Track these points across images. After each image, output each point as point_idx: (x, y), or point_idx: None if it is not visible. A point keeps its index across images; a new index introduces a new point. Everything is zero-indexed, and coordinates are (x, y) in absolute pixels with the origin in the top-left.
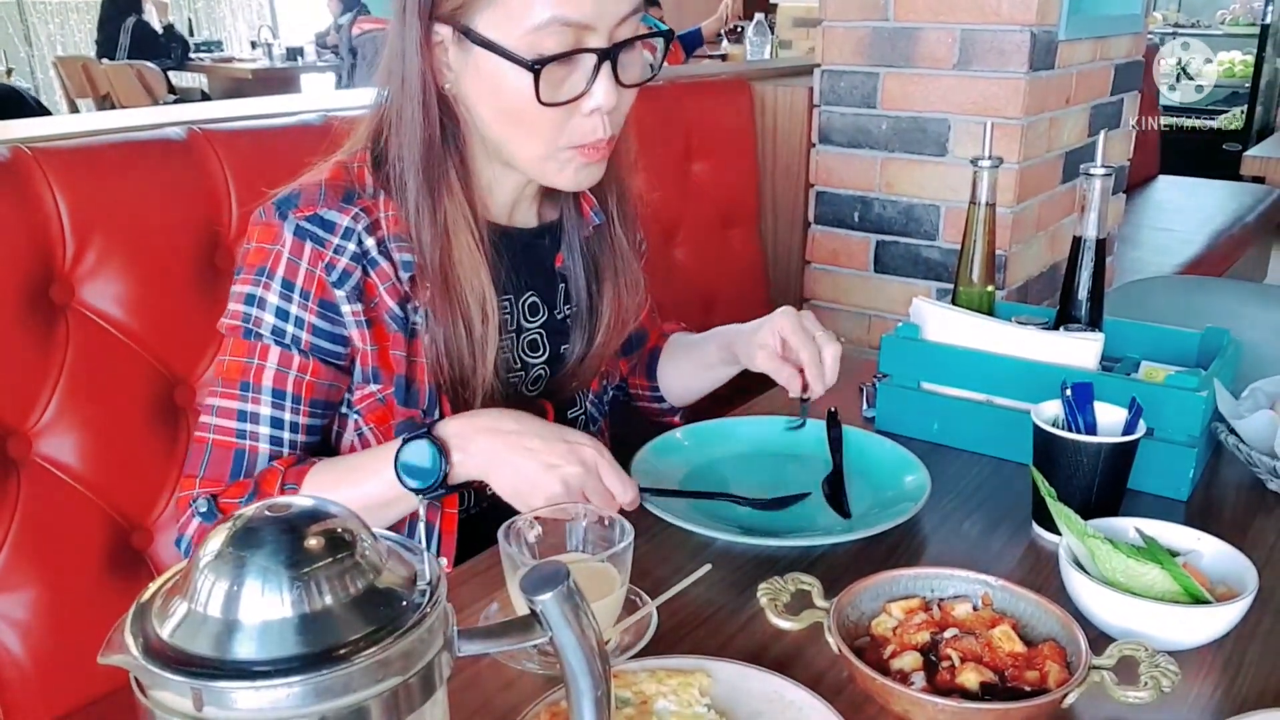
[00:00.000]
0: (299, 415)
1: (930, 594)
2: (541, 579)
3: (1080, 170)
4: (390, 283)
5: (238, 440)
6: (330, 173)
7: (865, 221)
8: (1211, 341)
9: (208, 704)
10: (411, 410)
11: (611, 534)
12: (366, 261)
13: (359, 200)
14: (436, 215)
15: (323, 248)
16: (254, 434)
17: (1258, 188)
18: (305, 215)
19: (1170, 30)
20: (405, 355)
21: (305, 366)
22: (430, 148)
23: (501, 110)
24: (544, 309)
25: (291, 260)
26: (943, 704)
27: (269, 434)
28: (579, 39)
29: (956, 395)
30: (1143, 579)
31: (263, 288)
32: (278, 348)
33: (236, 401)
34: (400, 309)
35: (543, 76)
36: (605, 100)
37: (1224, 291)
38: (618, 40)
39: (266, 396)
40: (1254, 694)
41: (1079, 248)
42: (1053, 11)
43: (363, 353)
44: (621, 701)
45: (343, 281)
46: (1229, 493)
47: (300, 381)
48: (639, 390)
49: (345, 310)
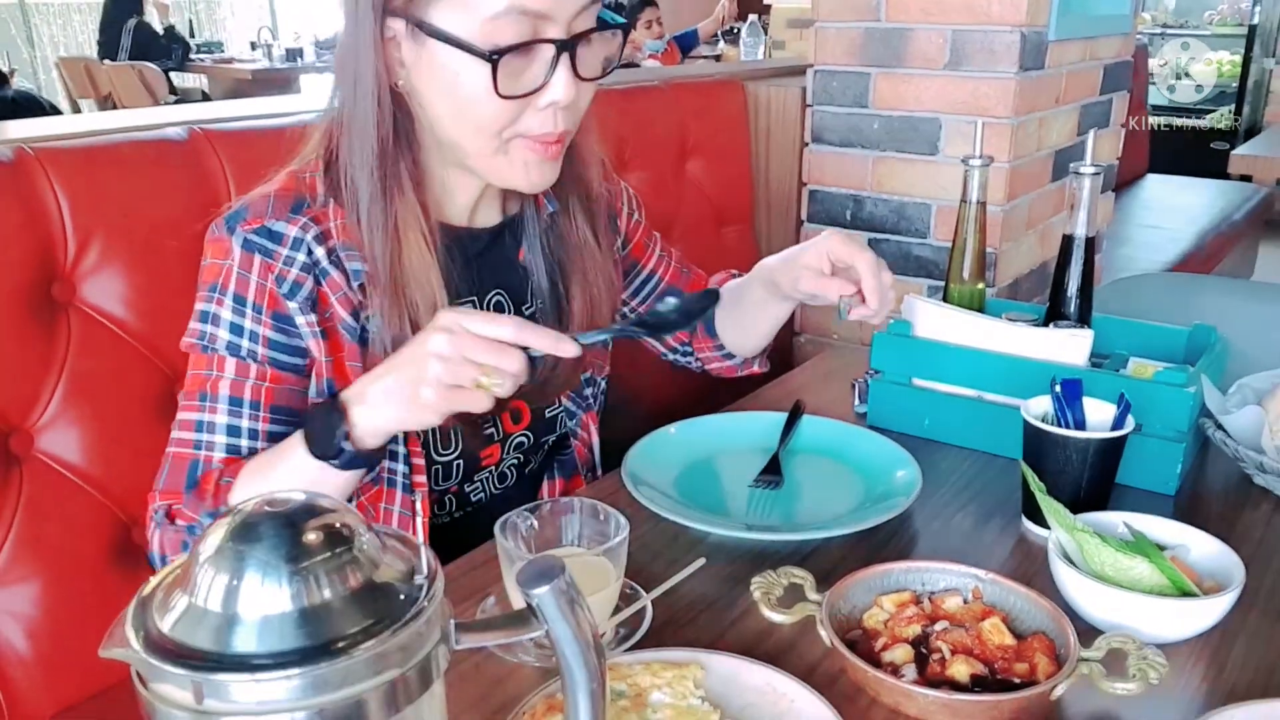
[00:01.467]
0: (257, 422)
1: (921, 587)
2: (537, 573)
3: (1070, 169)
4: (342, 293)
5: (194, 451)
6: (281, 184)
7: (858, 220)
8: (1199, 338)
9: (208, 696)
10: None
11: (606, 528)
12: (318, 271)
13: (308, 210)
14: (387, 217)
15: (271, 259)
16: (209, 443)
17: (1245, 186)
18: (252, 228)
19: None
20: (361, 366)
21: (263, 374)
22: (383, 147)
23: (456, 104)
24: (509, 307)
25: (241, 274)
26: (933, 696)
27: (225, 442)
28: (536, 29)
29: (948, 391)
30: (1131, 573)
31: (216, 304)
32: (233, 359)
33: (195, 413)
34: (353, 319)
35: (500, 68)
36: (564, 94)
37: (1212, 289)
38: (576, 32)
39: (223, 405)
40: (1241, 686)
41: (1069, 245)
42: (1042, 12)
43: (318, 364)
44: (616, 694)
45: (294, 293)
46: (1216, 488)
47: (259, 388)
48: (707, 353)
49: (300, 321)
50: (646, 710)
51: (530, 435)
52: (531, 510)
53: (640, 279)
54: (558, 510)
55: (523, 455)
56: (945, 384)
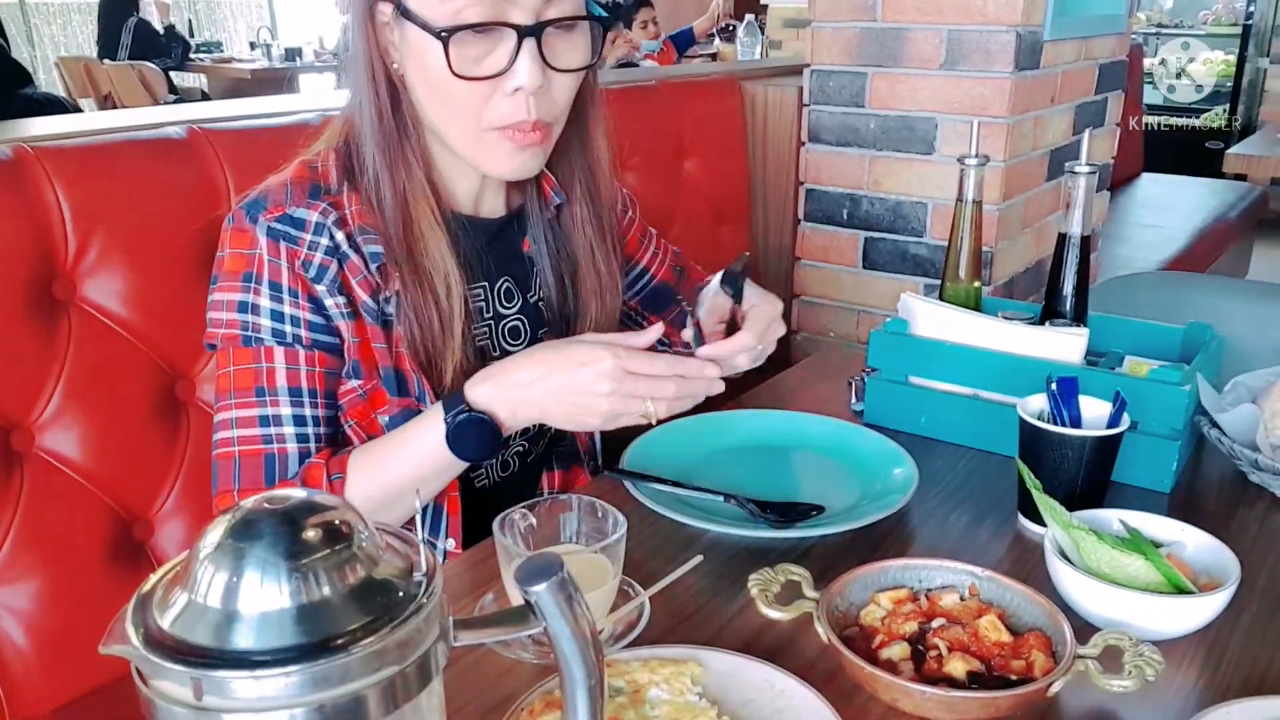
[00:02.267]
0: (318, 409)
1: (918, 584)
2: (536, 570)
3: (1065, 168)
4: (362, 275)
5: (265, 446)
6: (295, 172)
7: (854, 219)
8: (1194, 336)
9: (207, 693)
10: (405, 399)
11: (604, 526)
12: (340, 255)
13: (325, 196)
14: (395, 192)
15: (296, 245)
16: (280, 436)
17: (1240, 185)
18: (275, 216)
19: (1154, 30)
20: (387, 347)
21: (312, 359)
22: (385, 128)
23: (429, 85)
24: (518, 295)
25: (272, 262)
26: (930, 692)
27: (294, 433)
28: (500, 12)
29: (944, 389)
30: (1127, 570)
31: (253, 293)
32: (281, 347)
33: (255, 409)
34: (373, 301)
35: (459, 48)
36: (529, 80)
37: (1207, 287)
38: (545, 19)
39: (284, 397)
40: (1237, 683)
41: (1064, 244)
42: (1038, 12)
43: (347, 345)
44: (615, 690)
45: (321, 276)
46: (1212, 485)
47: (312, 375)
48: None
49: (329, 304)
50: (644, 707)
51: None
52: (530, 508)
53: (634, 275)
54: (556, 508)
55: (526, 443)
56: (942, 382)
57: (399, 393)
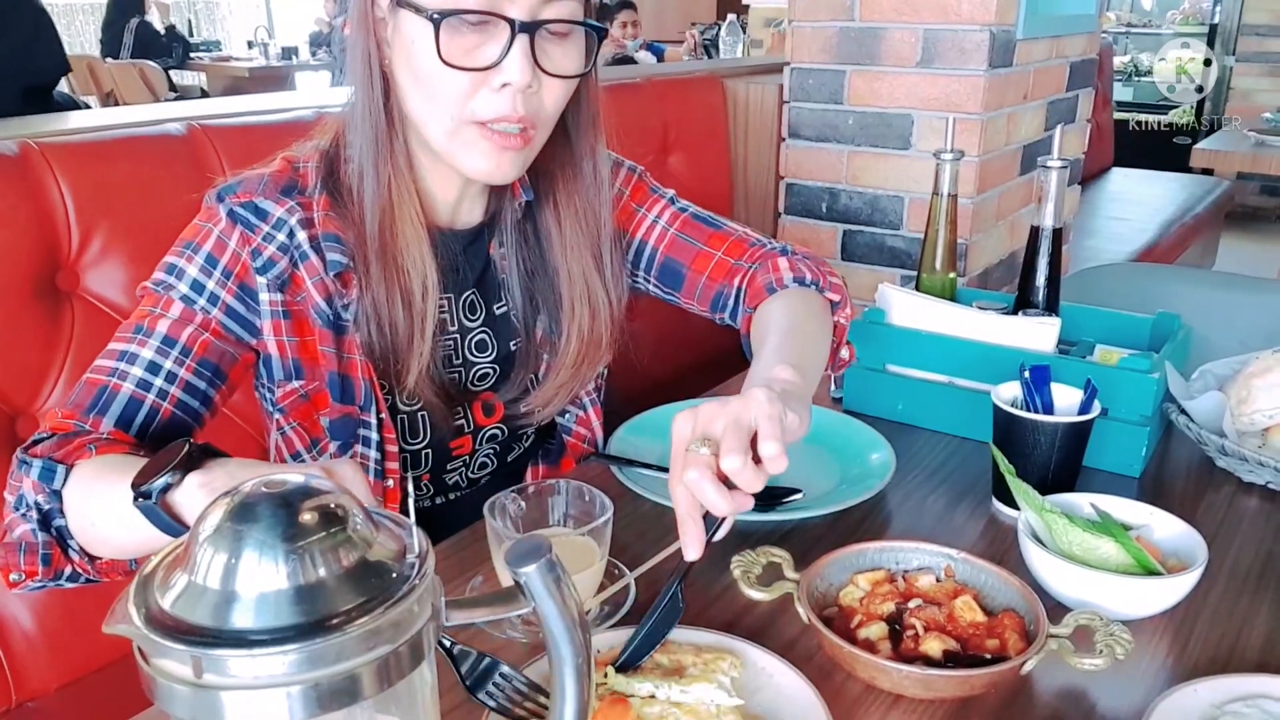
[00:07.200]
0: (182, 368)
1: (895, 566)
2: (525, 552)
3: (1038, 163)
4: (318, 278)
5: (107, 378)
6: (278, 167)
7: (833, 212)
8: (1163, 326)
9: (207, 671)
10: (348, 407)
11: (591, 509)
12: (297, 254)
13: (298, 196)
14: (380, 185)
15: (252, 233)
16: (124, 373)
17: (1207, 179)
18: (241, 201)
19: (1124, 30)
20: (335, 351)
21: (206, 324)
22: (375, 124)
23: (414, 74)
24: (482, 307)
25: (221, 239)
26: (907, 670)
27: (140, 377)
28: (496, 4)
29: (920, 377)
30: (1097, 552)
31: (186, 260)
32: (182, 305)
33: (124, 344)
34: (327, 305)
35: (450, 35)
36: (519, 76)
37: (1175, 278)
38: (542, 18)
39: (155, 341)
40: (1204, 661)
41: (1037, 236)
42: (1011, 12)
43: (280, 344)
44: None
45: (266, 269)
46: (1180, 470)
47: (196, 335)
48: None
49: (263, 299)
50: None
51: (504, 428)
52: (519, 491)
53: (633, 249)
54: (544, 491)
55: (499, 446)
56: (918, 370)
57: (342, 399)
